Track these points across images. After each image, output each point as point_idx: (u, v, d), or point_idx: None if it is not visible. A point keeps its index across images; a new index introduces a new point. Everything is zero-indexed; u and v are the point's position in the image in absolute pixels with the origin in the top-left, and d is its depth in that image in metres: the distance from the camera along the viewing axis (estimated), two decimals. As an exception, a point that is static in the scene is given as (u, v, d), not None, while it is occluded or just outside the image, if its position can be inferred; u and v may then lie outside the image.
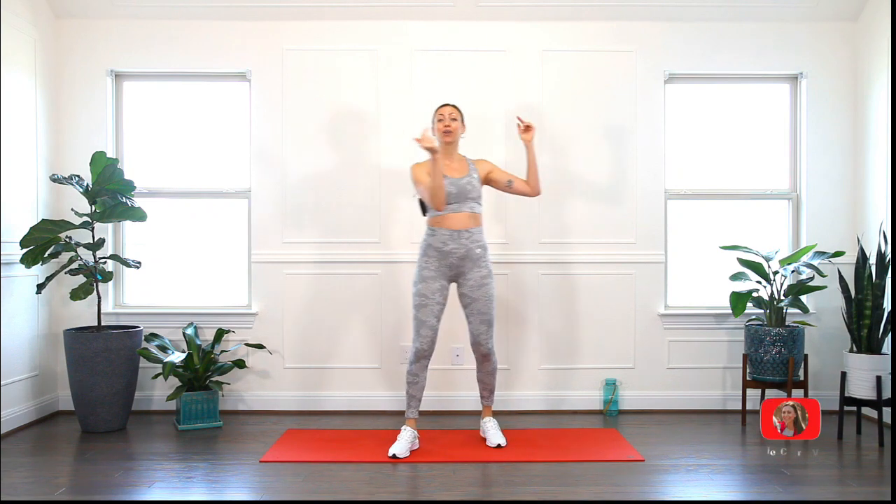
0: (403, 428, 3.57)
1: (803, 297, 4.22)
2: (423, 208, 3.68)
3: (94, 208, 3.97)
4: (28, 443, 3.71)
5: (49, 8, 4.24)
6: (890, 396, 3.70)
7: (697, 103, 4.47)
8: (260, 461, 3.39)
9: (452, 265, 3.55)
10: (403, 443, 3.49)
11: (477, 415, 4.11)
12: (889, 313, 3.79)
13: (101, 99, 4.33)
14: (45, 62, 4.19)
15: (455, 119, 3.60)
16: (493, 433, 3.62)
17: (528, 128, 3.60)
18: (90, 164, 3.93)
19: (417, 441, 3.59)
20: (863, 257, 3.84)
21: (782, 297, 4.02)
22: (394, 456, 3.41)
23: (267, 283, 4.35)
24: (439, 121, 3.60)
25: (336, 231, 4.35)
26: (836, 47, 4.36)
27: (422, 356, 3.55)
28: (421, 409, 4.23)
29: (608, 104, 4.37)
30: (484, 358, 3.63)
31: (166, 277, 4.44)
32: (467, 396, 4.28)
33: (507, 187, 3.69)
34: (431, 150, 3.35)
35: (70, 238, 3.95)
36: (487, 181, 3.70)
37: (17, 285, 3.94)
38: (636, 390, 4.37)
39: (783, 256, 4.25)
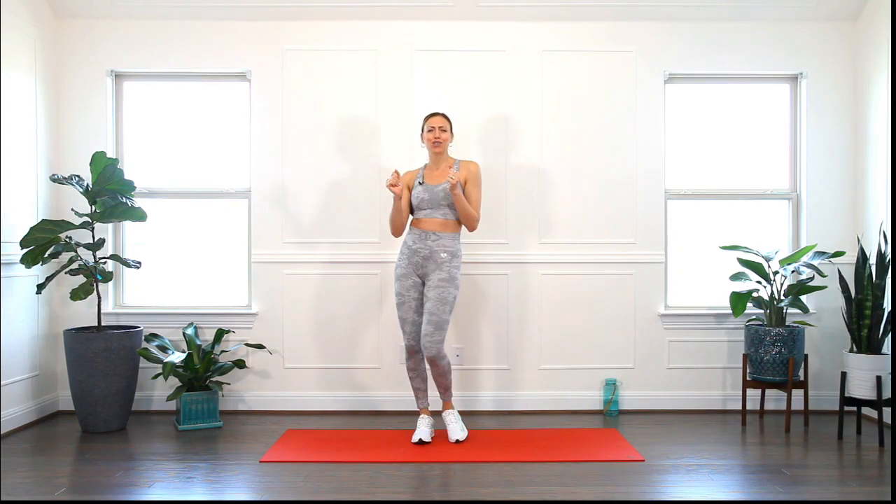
0: (420, 418, 3.74)
1: (803, 297, 4.22)
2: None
3: (94, 208, 3.96)
4: (28, 443, 3.71)
5: (49, 8, 4.24)
6: (890, 396, 3.70)
7: (697, 103, 4.47)
8: (260, 461, 3.39)
9: (418, 264, 3.67)
10: (425, 428, 3.67)
11: (478, 415, 4.14)
12: (889, 313, 3.78)
13: (101, 99, 4.33)
14: (45, 62, 4.20)
15: (445, 130, 3.70)
16: (454, 427, 3.69)
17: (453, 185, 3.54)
18: (90, 164, 3.93)
19: (433, 426, 3.76)
20: (863, 257, 3.83)
21: (782, 297, 4.02)
22: (420, 441, 3.59)
23: (267, 283, 4.35)
24: (429, 131, 3.70)
25: (336, 231, 4.35)
26: (836, 47, 4.36)
27: (412, 351, 3.72)
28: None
29: (608, 104, 4.37)
30: (431, 361, 3.62)
31: (166, 277, 4.44)
32: (467, 396, 4.29)
33: None
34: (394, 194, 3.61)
35: (70, 238, 3.95)
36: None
37: (17, 285, 3.94)
38: (636, 390, 4.37)
39: (783, 256, 4.25)
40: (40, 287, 3.91)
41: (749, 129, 4.47)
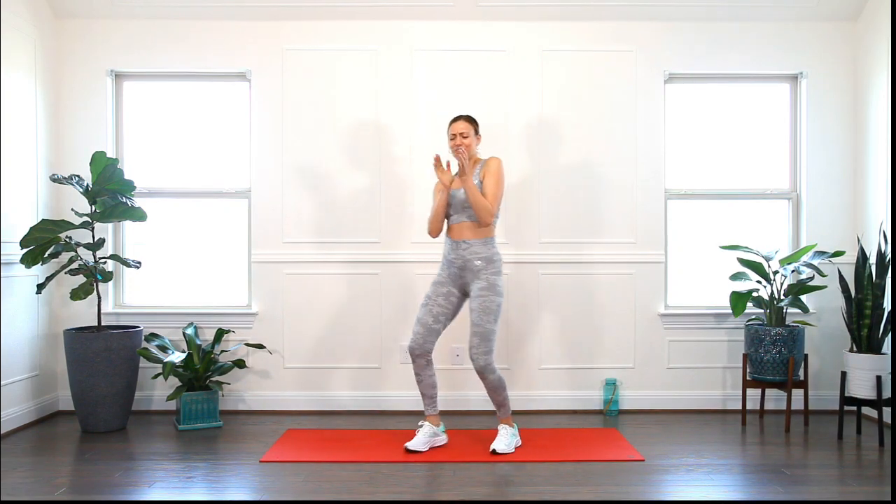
0: (421, 423, 3.62)
1: (803, 297, 4.22)
2: None
3: (94, 208, 3.97)
4: (28, 443, 3.71)
5: (49, 8, 4.24)
6: (890, 396, 3.70)
7: (697, 103, 4.47)
8: (260, 461, 3.39)
9: (455, 275, 3.58)
10: (421, 437, 3.54)
11: (477, 414, 4.15)
12: (889, 313, 3.78)
13: (101, 99, 4.33)
14: (45, 62, 4.19)
15: (466, 136, 3.52)
16: (500, 439, 3.53)
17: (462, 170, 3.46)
18: (90, 164, 3.93)
19: (443, 438, 3.61)
20: (863, 257, 3.83)
21: (782, 297, 4.02)
22: (407, 450, 3.46)
23: (267, 283, 4.35)
24: (451, 139, 3.55)
25: (336, 231, 4.35)
26: (836, 47, 4.36)
27: (414, 355, 3.56)
28: (421, 409, 4.25)
29: (608, 104, 4.37)
30: (479, 374, 3.49)
31: (166, 277, 4.44)
32: (467, 396, 4.29)
33: None
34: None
35: (70, 238, 3.95)
36: None
37: (17, 285, 3.94)
38: (636, 390, 4.37)
39: (783, 256, 4.25)
40: (40, 287, 3.91)
41: (749, 128, 4.47)
